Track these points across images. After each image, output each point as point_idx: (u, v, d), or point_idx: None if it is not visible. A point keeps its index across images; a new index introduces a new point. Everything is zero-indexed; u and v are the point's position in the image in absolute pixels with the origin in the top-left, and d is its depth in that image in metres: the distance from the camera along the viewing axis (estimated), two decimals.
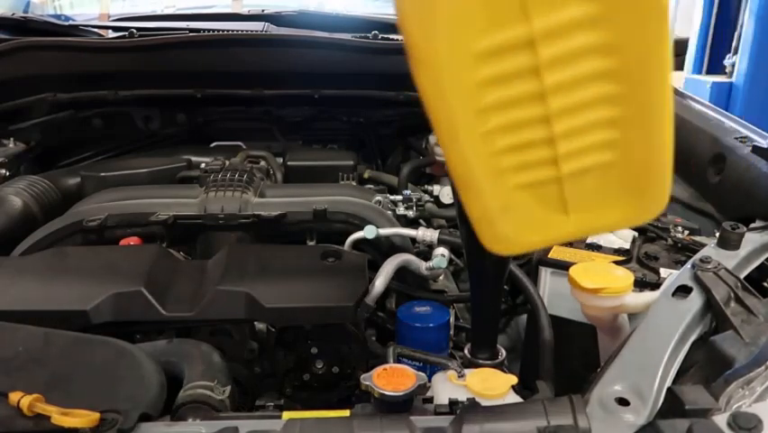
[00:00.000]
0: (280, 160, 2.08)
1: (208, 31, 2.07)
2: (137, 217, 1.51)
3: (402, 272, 1.47)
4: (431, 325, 1.35)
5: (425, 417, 0.89)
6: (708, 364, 0.91)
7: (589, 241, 1.52)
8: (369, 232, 1.44)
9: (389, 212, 1.66)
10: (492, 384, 1.00)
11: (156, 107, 2.34)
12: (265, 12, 2.27)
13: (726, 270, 1.07)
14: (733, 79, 5.49)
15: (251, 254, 1.35)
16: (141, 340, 1.20)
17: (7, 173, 1.87)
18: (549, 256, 1.46)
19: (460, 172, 0.71)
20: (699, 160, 1.71)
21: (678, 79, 5.55)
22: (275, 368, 1.27)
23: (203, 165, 1.76)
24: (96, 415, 0.80)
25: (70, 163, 2.20)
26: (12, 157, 1.94)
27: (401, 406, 0.92)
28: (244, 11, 2.38)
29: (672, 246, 1.46)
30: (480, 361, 1.21)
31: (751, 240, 1.23)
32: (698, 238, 1.46)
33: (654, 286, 1.29)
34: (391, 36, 2.13)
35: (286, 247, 1.45)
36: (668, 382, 0.87)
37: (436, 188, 2.00)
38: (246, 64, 2.10)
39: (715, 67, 5.80)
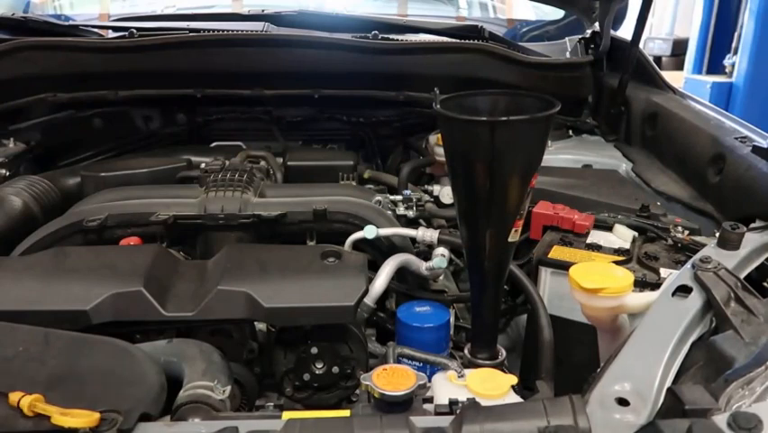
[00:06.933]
0: (280, 160, 2.08)
1: (208, 31, 2.06)
2: (137, 217, 1.51)
3: (402, 272, 1.47)
4: (431, 325, 1.35)
5: (425, 417, 0.89)
6: (708, 364, 0.91)
7: (589, 241, 1.52)
8: (369, 232, 1.44)
9: (389, 212, 1.66)
10: (492, 384, 1.00)
11: (156, 107, 2.34)
12: (265, 12, 2.27)
13: (727, 270, 1.07)
14: (733, 79, 5.50)
15: (251, 254, 1.35)
16: (141, 340, 1.19)
17: (7, 173, 1.87)
18: (549, 256, 1.46)
19: None
20: (698, 159, 1.71)
21: (678, 79, 5.56)
22: (275, 368, 1.26)
23: (203, 165, 1.75)
24: (96, 415, 0.80)
25: (70, 163, 2.19)
26: (12, 157, 1.93)
27: (401, 406, 0.93)
28: (244, 11, 2.38)
29: (672, 246, 1.46)
30: (480, 361, 1.22)
31: (751, 240, 1.23)
32: (698, 238, 1.46)
33: (654, 286, 1.29)
34: (391, 36, 2.13)
35: (286, 247, 1.45)
36: (668, 382, 0.87)
37: (436, 188, 2.00)
38: (246, 64, 2.10)
39: (715, 67, 5.81)
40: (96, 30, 2.23)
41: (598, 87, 2.29)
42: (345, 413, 0.98)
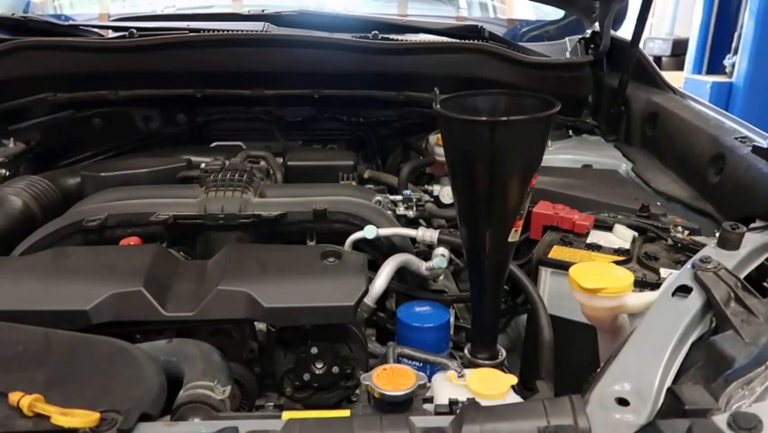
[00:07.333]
0: (280, 160, 2.08)
1: (208, 31, 2.06)
2: (137, 217, 1.51)
3: (402, 272, 1.47)
4: (431, 325, 1.35)
5: (425, 417, 0.89)
6: (708, 364, 0.91)
7: (589, 241, 1.52)
8: (369, 232, 1.44)
9: (389, 212, 1.66)
10: (492, 384, 1.00)
11: (156, 107, 2.34)
12: (265, 12, 2.27)
13: (727, 270, 1.07)
14: (733, 79, 5.50)
15: (251, 254, 1.35)
16: (141, 340, 1.19)
17: (7, 173, 1.87)
18: (549, 256, 1.46)
19: None
20: (698, 159, 1.71)
21: (678, 79, 5.56)
22: (275, 368, 1.26)
23: (203, 165, 1.75)
24: (96, 415, 0.80)
25: (70, 163, 2.19)
26: (12, 157, 1.94)
27: (401, 406, 0.93)
28: (244, 11, 2.38)
29: (672, 246, 1.46)
30: (480, 361, 1.22)
31: (751, 240, 1.23)
32: (698, 238, 1.46)
33: (654, 286, 1.29)
34: (391, 36, 2.13)
35: (286, 247, 1.45)
36: (668, 382, 0.87)
37: (436, 188, 2.00)
38: (246, 64, 2.10)
39: (715, 67, 5.81)
40: (96, 30, 2.23)
41: (598, 87, 2.29)
42: (345, 413, 0.98)
